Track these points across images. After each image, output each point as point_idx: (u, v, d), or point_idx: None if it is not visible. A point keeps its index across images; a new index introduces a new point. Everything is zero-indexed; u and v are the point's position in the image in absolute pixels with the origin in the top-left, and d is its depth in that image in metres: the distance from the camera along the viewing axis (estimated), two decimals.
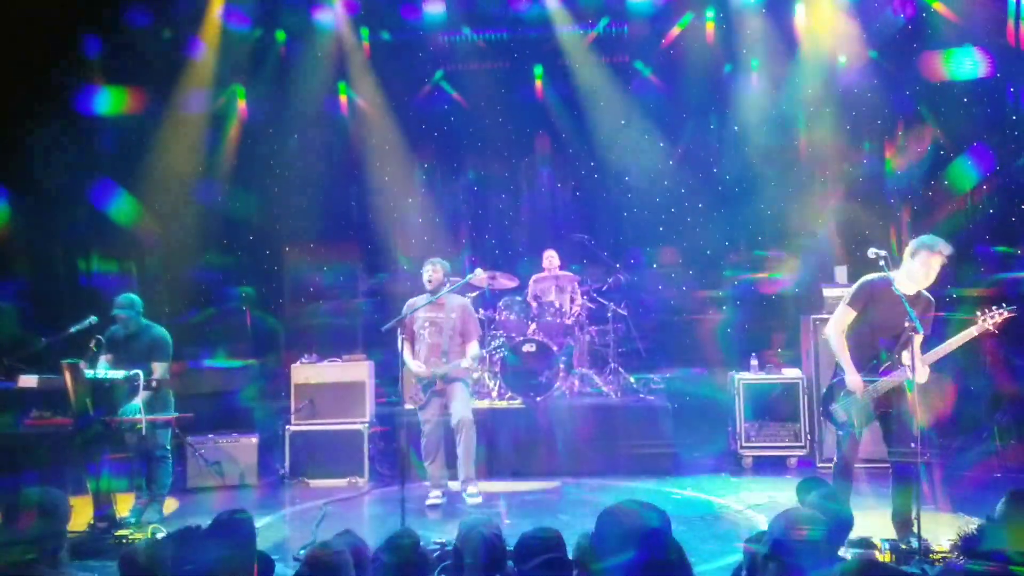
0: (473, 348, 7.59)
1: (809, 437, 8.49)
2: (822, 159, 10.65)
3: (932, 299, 5.84)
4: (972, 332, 5.58)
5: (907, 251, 5.79)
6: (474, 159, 11.73)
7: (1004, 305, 5.58)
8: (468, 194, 11.81)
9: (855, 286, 5.98)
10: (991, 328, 5.55)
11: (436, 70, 11.49)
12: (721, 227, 11.15)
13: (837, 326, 5.95)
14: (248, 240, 11.13)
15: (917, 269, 5.68)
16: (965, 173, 9.69)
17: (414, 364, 7.55)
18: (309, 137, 11.14)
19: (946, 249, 5.66)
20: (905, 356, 5.68)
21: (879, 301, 5.80)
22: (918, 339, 5.56)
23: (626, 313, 9.77)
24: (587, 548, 3.34)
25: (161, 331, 7.33)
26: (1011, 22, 9.44)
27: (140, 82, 10.09)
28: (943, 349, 5.64)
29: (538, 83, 11.51)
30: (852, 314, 5.90)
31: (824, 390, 6.17)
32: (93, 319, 7.13)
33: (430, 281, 7.49)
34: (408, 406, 7.48)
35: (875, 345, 5.84)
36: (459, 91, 11.49)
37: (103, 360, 7.05)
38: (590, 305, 9.78)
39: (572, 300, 9.73)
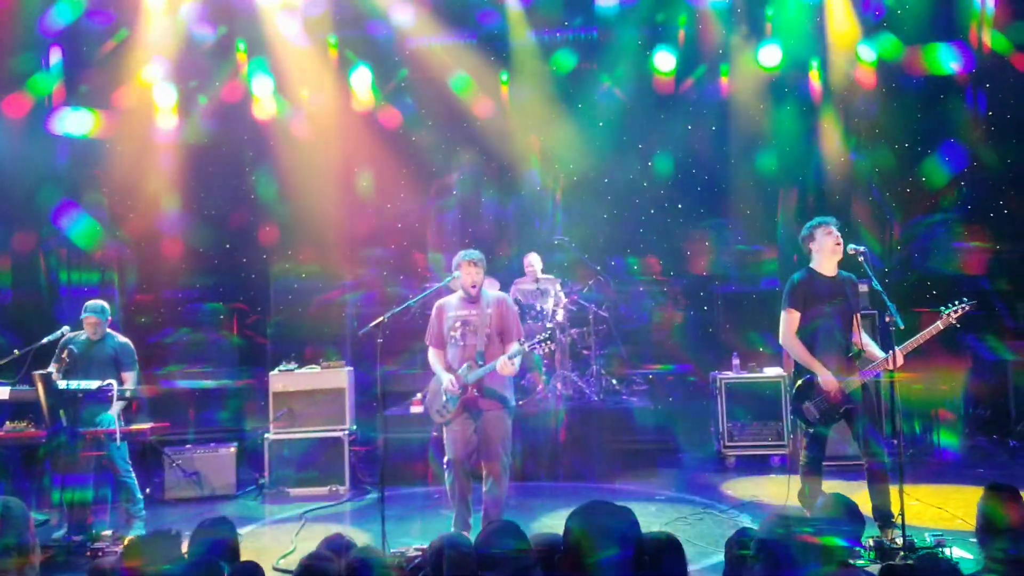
0: (513, 348, 6.19)
1: (791, 436, 8.46)
2: (797, 156, 10.68)
3: (853, 277, 6.09)
4: (938, 326, 5.73)
5: (803, 238, 6.11)
6: (454, 164, 11.65)
7: (964, 300, 5.74)
8: (449, 198, 11.74)
9: (785, 290, 6.11)
10: (954, 321, 5.72)
11: (401, 72, 11.39)
12: (700, 227, 11.14)
13: (789, 332, 6.03)
14: (226, 249, 11.03)
15: (820, 249, 5.99)
16: (937, 170, 9.88)
17: (445, 377, 6.27)
18: (280, 146, 11.05)
19: (834, 224, 6.01)
20: (869, 345, 5.92)
21: (813, 293, 5.96)
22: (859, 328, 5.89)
23: (607, 315, 9.73)
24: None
25: (125, 340, 7.23)
26: (974, 24, 9.58)
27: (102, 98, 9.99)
28: (911, 344, 5.75)
29: (504, 88, 11.44)
30: (795, 314, 6.00)
31: (794, 389, 6.12)
32: (65, 329, 7.03)
33: (474, 284, 6.27)
34: (437, 420, 6.43)
35: (834, 337, 5.92)
36: (432, 95, 11.40)
37: (52, 368, 6.80)
38: (572, 308, 9.73)
39: (555, 303, 9.68)
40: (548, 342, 6.23)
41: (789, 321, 6.01)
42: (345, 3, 10.60)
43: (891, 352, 5.61)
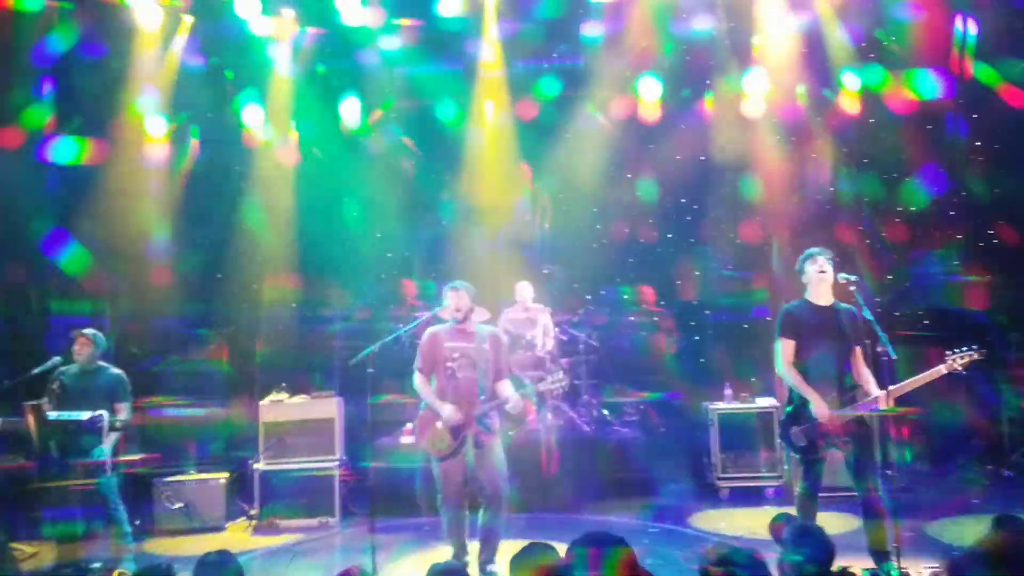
0: (508, 387, 6.34)
1: (786, 467, 8.45)
2: (786, 184, 10.73)
3: (852, 309, 6.00)
4: (940, 370, 5.63)
5: (798, 272, 6.13)
6: (442, 192, 11.66)
7: (973, 347, 5.61)
8: (437, 227, 11.73)
9: (780, 317, 6.11)
10: (959, 368, 5.59)
11: (388, 101, 11.43)
12: (689, 255, 11.17)
13: (785, 360, 6.01)
14: (216, 278, 10.98)
15: (808, 280, 6.03)
16: (925, 199, 9.94)
17: (444, 408, 6.23)
18: (269, 174, 11.05)
19: (821, 254, 6.02)
20: (868, 380, 5.87)
21: (805, 322, 5.97)
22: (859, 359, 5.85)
23: (598, 344, 9.72)
24: None
25: (119, 371, 7.16)
26: (955, 50, 9.71)
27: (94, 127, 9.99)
28: (909, 384, 5.68)
29: (490, 117, 11.47)
30: (790, 343, 5.99)
31: (783, 416, 6.15)
32: (56, 360, 6.96)
33: (458, 310, 6.37)
34: (433, 453, 6.36)
35: (828, 368, 5.90)
36: (419, 124, 11.43)
37: (44, 400, 6.76)
38: (562, 337, 9.73)
39: (544, 333, 9.67)
40: (560, 384, 6.38)
41: (784, 349, 5.99)
42: (333, 33, 10.67)
43: (883, 392, 5.57)
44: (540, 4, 10.51)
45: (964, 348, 5.61)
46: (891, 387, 5.56)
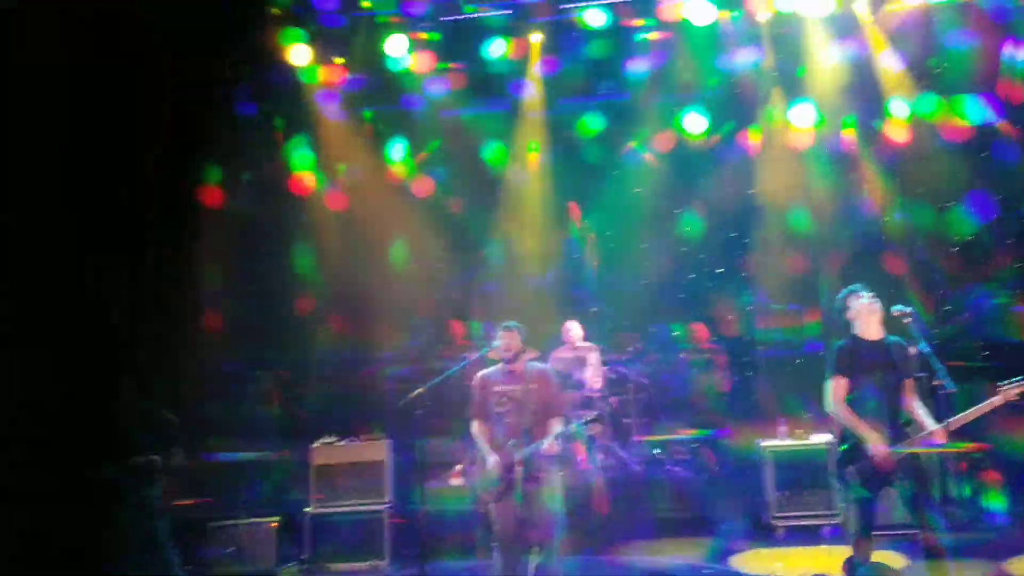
0: (554, 425, 6.29)
1: (840, 505, 8.22)
2: (835, 215, 10.59)
3: (903, 342, 5.91)
4: (996, 402, 5.49)
5: (839, 311, 6.08)
6: (489, 233, 11.70)
7: None
8: (486, 268, 11.75)
9: (831, 354, 6.00)
10: (1015, 398, 5.47)
11: (433, 143, 11.53)
12: (740, 291, 11.04)
13: (836, 399, 5.88)
14: (268, 324, 11.09)
15: (856, 315, 5.95)
16: (970, 225, 9.78)
17: (490, 456, 6.30)
18: (319, 218, 11.21)
19: (864, 289, 5.96)
20: (922, 414, 5.73)
21: (858, 359, 5.85)
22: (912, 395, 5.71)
23: (648, 383, 9.62)
24: None
25: (171, 416, 7.25)
26: (1005, 76, 9.55)
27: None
28: (966, 417, 5.52)
29: (536, 156, 11.52)
30: (843, 381, 5.87)
31: (838, 454, 6.00)
32: None
33: (508, 349, 6.37)
34: (483, 496, 6.44)
35: (882, 404, 5.77)
36: (465, 165, 11.51)
37: None
38: (612, 376, 9.65)
39: (593, 372, 9.61)
40: (595, 423, 6.25)
41: (835, 388, 5.88)
42: (380, 79, 10.86)
43: (941, 426, 5.48)
44: (585, 42, 10.61)
45: (1018, 378, 5.48)
46: (949, 420, 5.43)
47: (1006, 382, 5.51)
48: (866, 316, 5.90)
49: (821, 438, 8.59)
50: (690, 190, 11.12)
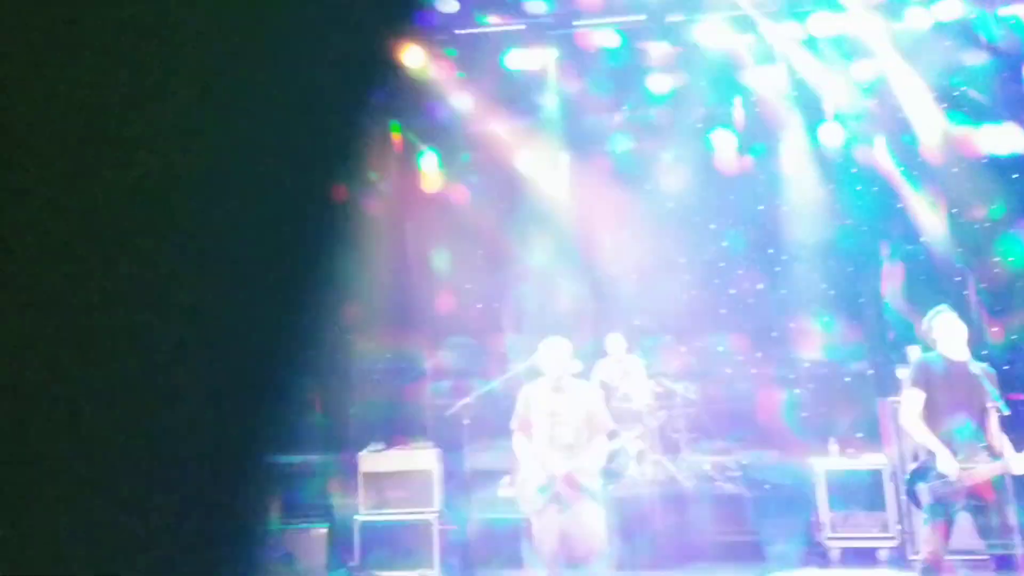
0: (599, 441, 6.29)
1: (899, 527, 8.12)
2: (875, 234, 10.54)
3: (987, 367, 5.88)
4: None
5: (924, 332, 6.12)
6: (528, 245, 11.67)
7: None
8: (526, 280, 11.72)
9: (911, 367, 6.08)
10: None
11: (463, 156, 11.59)
12: (784, 306, 10.98)
13: (911, 412, 5.88)
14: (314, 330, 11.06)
15: (940, 336, 5.93)
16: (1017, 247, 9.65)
17: (530, 466, 6.31)
18: (358, 227, 11.19)
19: (948, 310, 5.99)
20: (1006, 447, 5.65)
21: (939, 376, 5.84)
22: (992, 419, 5.64)
23: (695, 397, 9.56)
24: None
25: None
26: None
27: None
28: None
29: (569, 170, 11.54)
30: (920, 395, 5.86)
31: (908, 472, 6.00)
32: None
33: (550, 369, 6.37)
34: (526, 510, 6.41)
35: (958, 423, 5.74)
36: (499, 178, 11.49)
37: None
38: (658, 389, 9.59)
39: (638, 384, 9.55)
40: (638, 440, 6.25)
41: (913, 400, 5.87)
42: (406, 88, 10.88)
43: (1020, 453, 5.53)
44: (608, 57, 10.59)
45: None
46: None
47: None
48: (947, 335, 5.88)
49: (875, 458, 8.50)
50: (724, 206, 11.09)
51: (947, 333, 5.91)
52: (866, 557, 8.21)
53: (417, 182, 11.40)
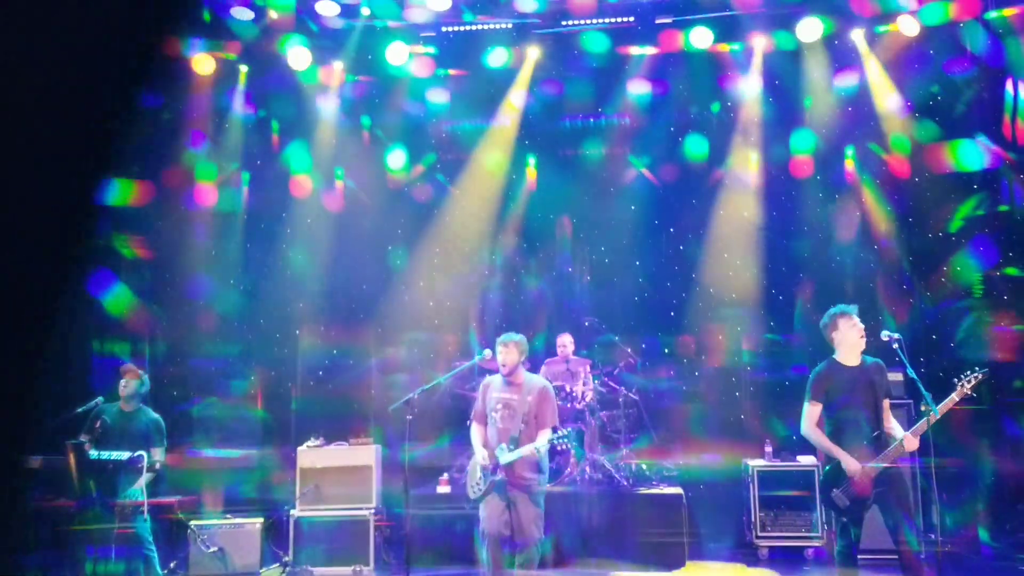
0: (542, 436, 6.50)
1: (826, 527, 8.27)
2: (826, 242, 10.68)
3: (880, 362, 6.08)
4: (954, 398, 5.73)
5: (824, 327, 6.18)
6: (485, 244, 11.71)
7: (977, 369, 5.76)
8: (479, 277, 11.75)
9: (809, 382, 6.16)
10: (968, 391, 5.71)
11: (430, 156, 11.61)
12: (731, 313, 11.06)
13: (810, 423, 6.06)
14: (259, 324, 11.04)
15: (843, 341, 6.04)
16: (969, 263, 9.79)
17: (479, 453, 6.65)
18: (315, 222, 11.21)
19: (854, 312, 6.07)
20: (896, 429, 5.94)
21: (836, 383, 5.99)
22: (886, 408, 5.96)
23: (638, 398, 9.63)
24: None
25: (156, 416, 7.25)
26: (1007, 116, 9.62)
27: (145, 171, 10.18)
28: (929, 420, 5.72)
29: (534, 171, 11.61)
30: (818, 407, 6.04)
31: (822, 476, 6.21)
32: (99, 399, 7.05)
33: (504, 364, 6.64)
34: (471, 495, 6.68)
35: (860, 427, 5.91)
36: (464, 176, 11.54)
37: (83, 438, 6.81)
38: (602, 390, 9.65)
39: (584, 384, 9.61)
40: (564, 441, 6.69)
41: (810, 413, 6.06)
42: (381, 83, 10.93)
43: (906, 434, 5.75)
44: (586, 60, 10.69)
45: (970, 372, 5.74)
46: (915, 426, 5.77)
47: (963, 376, 5.74)
48: (854, 344, 6.02)
49: (807, 459, 8.65)
50: (686, 212, 11.16)
51: (845, 337, 6.02)
52: (794, 555, 8.35)
53: (382, 176, 11.42)
